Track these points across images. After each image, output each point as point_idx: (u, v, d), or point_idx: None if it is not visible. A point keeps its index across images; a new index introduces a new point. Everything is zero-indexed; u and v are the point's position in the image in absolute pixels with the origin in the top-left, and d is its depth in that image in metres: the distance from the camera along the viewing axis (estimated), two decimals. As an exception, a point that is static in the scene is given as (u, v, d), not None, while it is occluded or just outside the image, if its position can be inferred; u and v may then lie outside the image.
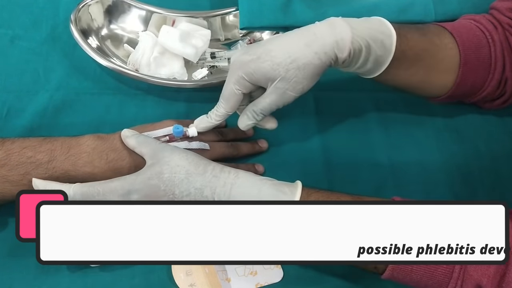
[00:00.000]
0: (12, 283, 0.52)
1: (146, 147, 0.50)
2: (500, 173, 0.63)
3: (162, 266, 0.54)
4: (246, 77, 0.51)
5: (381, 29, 0.52)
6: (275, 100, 0.52)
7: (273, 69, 0.50)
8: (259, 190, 0.46)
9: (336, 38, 0.50)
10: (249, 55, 0.51)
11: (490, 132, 0.66)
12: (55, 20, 0.70)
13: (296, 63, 0.50)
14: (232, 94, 0.52)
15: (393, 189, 0.61)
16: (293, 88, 0.51)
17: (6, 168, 0.49)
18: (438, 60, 0.57)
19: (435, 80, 0.59)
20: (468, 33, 0.58)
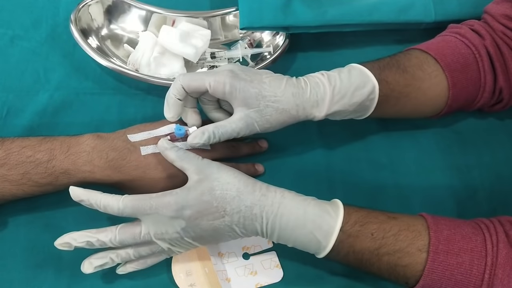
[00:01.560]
0: (12, 283, 0.52)
1: (188, 162, 0.49)
2: (500, 173, 0.63)
3: (162, 266, 0.54)
4: (227, 87, 0.51)
5: (363, 82, 0.53)
6: (242, 128, 0.52)
7: (257, 98, 0.51)
8: (304, 211, 0.46)
9: (317, 99, 0.52)
10: (245, 75, 0.52)
11: (490, 132, 0.66)
12: (55, 20, 0.70)
13: (277, 104, 0.51)
14: (200, 81, 0.52)
15: (393, 189, 0.61)
16: (262, 124, 0.52)
17: (5, 167, 0.49)
18: (425, 90, 0.57)
19: (425, 107, 0.59)
20: (453, 54, 0.58)
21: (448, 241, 0.46)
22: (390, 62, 0.57)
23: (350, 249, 0.47)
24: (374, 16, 0.67)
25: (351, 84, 0.53)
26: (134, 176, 0.52)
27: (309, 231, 0.46)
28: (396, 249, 0.46)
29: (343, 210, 0.47)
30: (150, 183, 0.52)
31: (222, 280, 0.53)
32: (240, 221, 0.47)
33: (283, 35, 0.68)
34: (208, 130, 0.52)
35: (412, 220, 0.48)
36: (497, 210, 0.61)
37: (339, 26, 0.67)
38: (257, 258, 0.55)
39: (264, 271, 0.54)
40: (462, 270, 0.45)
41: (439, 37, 0.62)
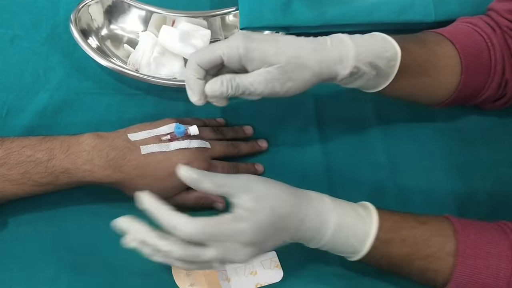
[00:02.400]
0: (12, 283, 0.52)
1: (229, 186, 0.45)
2: (501, 173, 0.63)
3: (162, 266, 0.54)
4: (241, 50, 0.47)
5: (385, 46, 0.52)
6: (260, 83, 0.48)
7: (276, 54, 0.47)
8: (343, 219, 0.46)
9: (341, 54, 0.49)
10: (259, 35, 0.48)
11: (490, 132, 0.66)
12: (55, 20, 0.70)
13: (299, 60, 0.48)
14: (213, 52, 0.48)
15: (393, 189, 0.61)
16: (284, 82, 0.48)
17: (5, 167, 0.49)
18: (440, 68, 0.57)
19: (437, 88, 0.59)
20: (467, 39, 0.58)
21: (475, 245, 0.46)
22: (409, 37, 0.56)
23: (382, 254, 0.47)
24: (374, 16, 0.67)
25: (374, 44, 0.51)
26: (134, 175, 0.52)
27: (345, 237, 0.46)
28: (427, 254, 0.47)
29: (377, 216, 0.47)
30: (150, 183, 0.52)
31: (222, 280, 0.53)
32: (293, 235, 0.46)
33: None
34: (226, 78, 0.48)
35: (440, 224, 0.48)
36: (497, 210, 0.60)
37: (339, 26, 0.67)
38: (257, 258, 0.55)
39: (264, 271, 0.54)
40: (489, 274, 0.45)
41: (451, 26, 0.61)
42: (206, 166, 0.54)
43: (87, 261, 0.53)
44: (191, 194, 0.55)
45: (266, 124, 0.64)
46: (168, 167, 0.52)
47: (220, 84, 0.48)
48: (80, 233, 0.55)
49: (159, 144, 0.53)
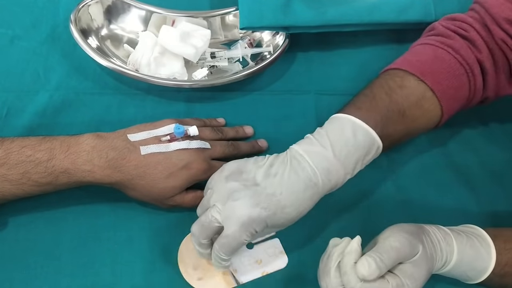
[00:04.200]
0: (12, 283, 0.52)
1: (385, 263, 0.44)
2: (500, 173, 0.63)
3: (163, 266, 0.54)
4: (259, 230, 0.48)
5: (368, 150, 0.51)
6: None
7: (283, 225, 0.49)
8: (462, 257, 0.48)
9: (331, 186, 0.50)
10: (266, 210, 0.47)
11: (490, 132, 0.66)
12: (55, 20, 0.70)
13: (301, 215, 0.50)
14: (240, 244, 0.48)
15: (393, 189, 0.61)
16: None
17: (5, 167, 0.49)
18: (420, 125, 0.56)
19: (416, 135, 0.59)
20: (448, 78, 0.55)
21: None
22: (390, 108, 0.53)
23: (496, 283, 0.49)
24: (374, 16, 0.67)
25: (358, 148, 0.50)
26: (134, 175, 0.52)
27: (462, 271, 0.49)
28: None
29: (495, 251, 0.48)
30: (150, 183, 0.52)
31: (228, 272, 0.53)
32: None
33: (283, 35, 0.68)
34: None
35: None
36: (497, 210, 0.61)
37: (339, 26, 0.67)
38: (260, 247, 0.55)
39: (269, 259, 0.54)
40: None
41: (430, 48, 0.58)
42: (206, 167, 0.54)
43: (87, 261, 0.53)
44: (190, 194, 0.55)
45: (266, 124, 0.64)
46: (168, 167, 0.52)
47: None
48: (80, 233, 0.55)
49: (159, 144, 0.53)
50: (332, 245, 0.48)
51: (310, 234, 0.56)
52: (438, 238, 0.48)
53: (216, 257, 0.49)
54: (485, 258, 0.48)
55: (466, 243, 0.48)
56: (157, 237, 0.56)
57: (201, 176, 0.54)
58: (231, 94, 0.66)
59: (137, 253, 0.55)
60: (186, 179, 0.53)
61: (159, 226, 0.56)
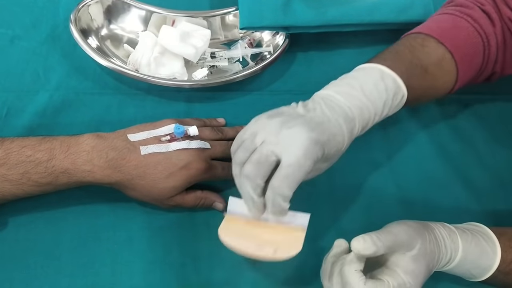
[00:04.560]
0: (12, 283, 0.52)
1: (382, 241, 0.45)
2: (500, 173, 0.63)
3: (162, 266, 0.54)
4: (319, 157, 0.46)
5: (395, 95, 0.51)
6: (309, 178, 0.48)
7: (334, 156, 0.49)
8: (466, 254, 0.48)
9: (363, 125, 0.50)
10: (321, 135, 0.46)
11: (490, 132, 0.66)
12: (55, 20, 0.70)
13: (343, 149, 0.49)
14: (305, 174, 0.45)
15: (393, 189, 0.61)
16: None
17: (5, 167, 0.49)
18: (439, 86, 0.57)
19: (432, 98, 0.60)
20: (466, 45, 0.56)
21: None
22: (413, 62, 0.54)
23: (500, 281, 0.50)
24: (374, 16, 0.67)
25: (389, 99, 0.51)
26: (134, 175, 0.52)
27: (466, 269, 0.49)
28: None
29: (500, 249, 0.48)
30: (150, 183, 0.52)
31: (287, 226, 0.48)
32: None
33: (283, 34, 0.68)
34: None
35: None
36: (497, 210, 0.61)
37: (339, 26, 0.67)
38: None
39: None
40: None
41: (449, 17, 0.59)
42: (206, 167, 0.54)
43: (87, 261, 0.53)
44: (190, 194, 0.55)
45: (266, 124, 0.64)
46: (168, 167, 0.52)
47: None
48: (80, 233, 0.55)
49: (159, 144, 0.53)
50: (337, 245, 0.48)
51: (310, 234, 0.56)
52: (442, 235, 0.48)
53: (277, 197, 0.44)
54: (490, 256, 0.48)
55: (471, 241, 0.49)
56: (157, 237, 0.56)
57: (201, 176, 0.54)
58: (231, 94, 0.67)
59: (137, 253, 0.55)
60: (186, 179, 0.53)
61: (159, 226, 0.56)
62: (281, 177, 0.44)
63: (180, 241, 0.56)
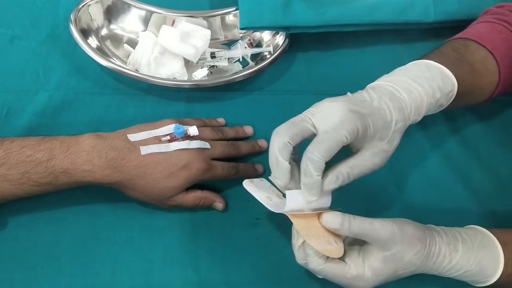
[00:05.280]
0: (12, 283, 0.52)
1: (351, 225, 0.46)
2: (501, 176, 0.63)
3: (162, 266, 0.54)
4: (360, 130, 0.46)
5: (446, 82, 0.52)
6: (378, 164, 0.48)
7: (385, 128, 0.48)
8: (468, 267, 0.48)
9: (417, 104, 0.50)
10: (364, 109, 0.47)
11: (491, 134, 0.66)
12: (55, 20, 0.70)
13: (398, 125, 0.49)
14: (339, 142, 0.45)
15: (393, 189, 0.61)
16: (393, 150, 0.49)
17: (5, 167, 0.49)
18: (483, 86, 0.57)
19: (476, 101, 0.59)
20: (506, 47, 0.57)
21: None
22: (458, 58, 0.55)
23: (504, 283, 0.49)
24: (374, 16, 0.67)
25: (434, 82, 0.51)
26: (134, 175, 0.52)
27: (470, 276, 0.48)
28: None
29: (503, 264, 0.48)
30: (150, 183, 0.52)
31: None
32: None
33: (283, 34, 0.68)
34: (343, 174, 0.46)
35: None
36: (497, 210, 0.61)
37: (339, 26, 0.67)
38: None
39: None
40: None
41: (486, 25, 0.60)
42: (205, 167, 0.54)
43: (87, 261, 0.53)
44: (190, 194, 0.55)
45: (266, 124, 0.64)
46: (168, 167, 0.52)
47: (335, 181, 0.46)
48: (80, 233, 0.55)
49: (159, 144, 0.53)
50: None
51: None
52: (439, 253, 0.47)
53: (308, 163, 0.44)
54: (489, 272, 0.48)
55: (473, 259, 0.48)
56: (157, 237, 0.56)
57: (201, 176, 0.54)
58: (231, 94, 0.67)
59: (137, 253, 0.55)
60: (186, 179, 0.53)
61: (159, 226, 0.56)
62: (315, 143, 0.44)
63: (180, 241, 0.56)
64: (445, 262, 0.47)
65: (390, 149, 0.48)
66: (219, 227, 0.57)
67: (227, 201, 0.58)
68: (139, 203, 0.56)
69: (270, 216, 0.49)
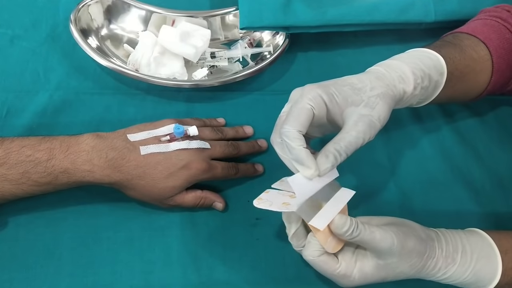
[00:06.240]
0: (12, 283, 0.52)
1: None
2: (501, 175, 0.63)
3: (162, 266, 0.54)
4: (324, 97, 0.46)
5: (429, 57, 0.52)
6: (363, 131, 0.45)
7: (354, 93, 0.47)
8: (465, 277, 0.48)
9: (398, 73, 0.50)
10: (325, 82, 0.47)
11: (490, 134, 0.66)
12: (55, 20, 0.70)
13: (375, 91, 0.47)
14: (303, 108, 0.46)
15: (393, 189, 0.61)
16: (378, 116, 0.46)
17: (5, 167, 0.49)
18: (476, 73, 0.57)
19: (471, 90, 0.59)
20: (499, 39, 0.57)
21: None
22: (444, 42, 0.56)
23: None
24: (374, 16, 0.67)
25: (419, 58, 0.52)
26: (134, 175, 0.52)
27: (468, 283, 0.48)
28: None
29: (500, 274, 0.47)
30: (150, 183, 0.52)
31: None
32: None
33: (283, 34, 0.68)
34: (330, 151, 0.45)
35: None
36: (497, 211, 0.61)
37: (339, 26, 0.67)
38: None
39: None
40: None
41: (479, 21, 0.60)
42: (205, 167, 0.54)
43: (87, 261, 0.53)
44: (190, 194, 0.55)
45: (266, 124, 0.64)
46: (168, 167, 0.52)
47: (326, 160, 0.45)
48: (80, 233, 0.55)
49: (159, 144, 0.53)
50: None
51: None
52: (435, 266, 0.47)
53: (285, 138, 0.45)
54: (485, 282, 0.47)
55: (470, 270, 0.47)
56: (157, 237, 0.56)
57: (200, 176, 0.54)
58: (231, 94, 0.67)
59: (137, 253, 0.55)
60: (186, 179, 0.53)
61: (159, 226, 0.56)
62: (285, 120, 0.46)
63: (180, 241, 0.56)
64: (439, 273, 0.47)
65: (371, 113, 0.46)
66: (219, 227, 0.57)
67: (227, 201, 0.58)
68: (139, 203, 0.56)
69: (270, 216, 0.49)
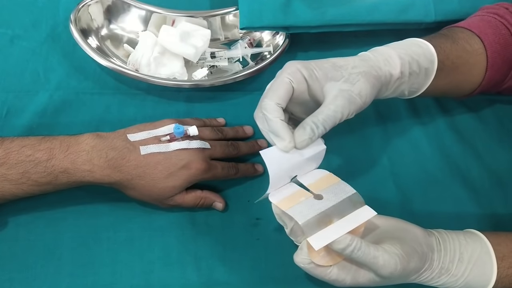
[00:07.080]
0: (12, 283, 0.52)
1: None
2: (500, 174, 0.63)
3: (162, 266, 0.54)
4: (304, 72, 0.47)
5: (419, 45, 0.53)
6: (342, 105, 0.46)
7: (335, 69, 0.48)
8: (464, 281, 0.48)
9: (384, 57, 0.51)
10: (307, 61, 0.48)
11: (490, 133, 0.66)
12: (55, 20, 0.70)
13: (357, 69, 0.48)
14: (281, 82, 0.47)
15: (393, 189, 0.61)
16: (359, 92, 0.47)
17: (5, 166, 0.49)
18: (470, 65, 0.57)
19: (465, 84, 0.59)
20: (495, 33, 0.57)
21: None
22: (438, 34, 0.57)
23: None
24: (374, 16, 0.67)
25: (409, 45, 0.53)
26: (134, 175, 0.52)
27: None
28: None
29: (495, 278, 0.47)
30: (150, 183, 0.52)
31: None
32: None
33: (283, 34, 0.68)
34: (308, 123, 0.46)
35: None
36: (497, 211, 0.60)
37: (339, 26, 0.67)
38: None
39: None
40: None
41: (477, 17, 0.61)
42: (205, 167, 0.54)
43: (87, 261, 0.53)
44: (190, 194, 0.55)
45: (266, 124, 0.64)
46: (168, 167, 0.52)
47: (303, 132, 0.46)
48: (80, 233, 0.55)
49: (159, 144, 0.53)
50: None
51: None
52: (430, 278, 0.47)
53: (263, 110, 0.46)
54: (486, 273, 0.47)
55: (466, 271, 0.47)
56: (157, 237, 0.56)
57: (200, 176, 0.54)
58: (231, 94, 0.67)
59: (137, 253, 0.55)
60: (186, 179, 0.53)
61: (159, 226, 0.56)
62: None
63: (180, 241, 0.56)
64: (432, 282, 0.48)
65: (351, 89, 0.47)
66: (219, 227, 0.57)
67: (227, 201, 0.58)
68: (139, 203, 0.56)
69: (270, 216, 0.49)
